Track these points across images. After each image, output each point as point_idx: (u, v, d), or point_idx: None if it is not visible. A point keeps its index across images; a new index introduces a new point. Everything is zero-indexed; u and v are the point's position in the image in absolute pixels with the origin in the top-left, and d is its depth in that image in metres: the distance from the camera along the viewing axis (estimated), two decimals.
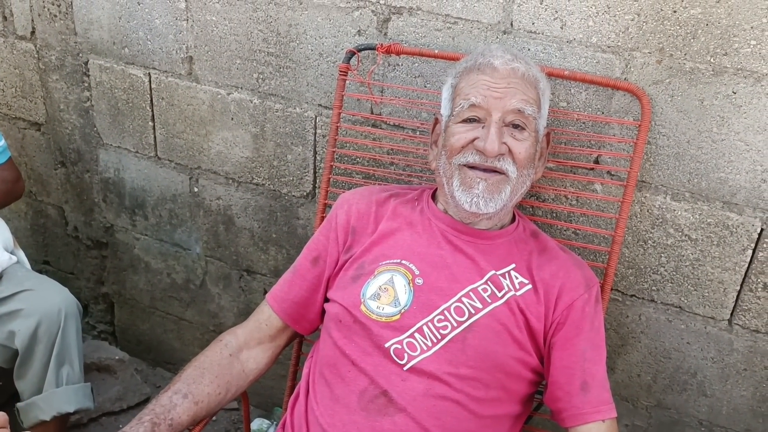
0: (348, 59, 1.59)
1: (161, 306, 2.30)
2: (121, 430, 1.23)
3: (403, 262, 1.34)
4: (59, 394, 1.73)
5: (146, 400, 2.24)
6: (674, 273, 1.53)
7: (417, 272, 1.32)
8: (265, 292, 2.02)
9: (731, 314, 1.51)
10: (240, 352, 1.40)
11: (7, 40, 2.10)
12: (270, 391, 2.12)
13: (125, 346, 2.45)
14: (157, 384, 2.36)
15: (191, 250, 2.13)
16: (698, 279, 1.51)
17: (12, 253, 1.87)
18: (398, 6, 1.55)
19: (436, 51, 1.53)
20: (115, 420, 2.18)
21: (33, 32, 2.05)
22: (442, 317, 1.28)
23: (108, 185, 2.18)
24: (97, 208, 2.25)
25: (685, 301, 1.54)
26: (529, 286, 1.31)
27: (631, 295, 1.59)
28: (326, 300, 1.42)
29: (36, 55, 2.08)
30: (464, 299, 1.29)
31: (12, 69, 2.14)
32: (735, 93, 1.35)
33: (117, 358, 2.27)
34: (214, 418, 1.41)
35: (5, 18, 2.06)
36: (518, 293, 1.30)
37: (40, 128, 2.21)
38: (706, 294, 1.52)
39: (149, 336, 2.40)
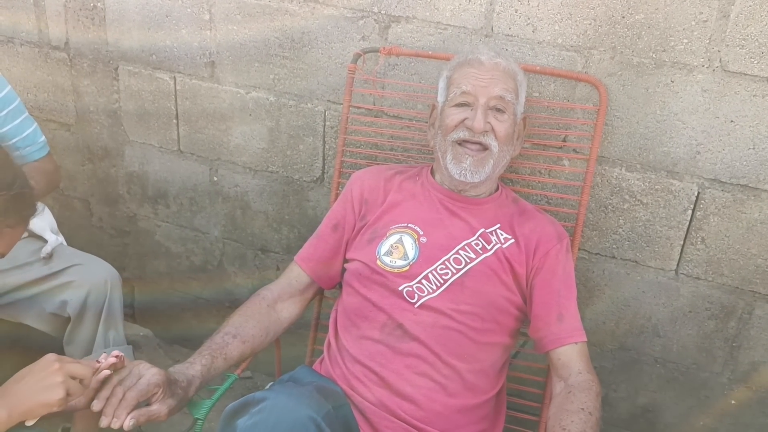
0: (355, 60, 1.88)
1: (180, 287, 2.56)
2: (186, 360, 1.49)
3: (410, 225, 1.63)
4: None
5: None
6: (630, 232, 1.84)
7: (421, 232, 1.62)
8: (278, 269, 2.31)
9: (677, 265, 1.82)
10: (275, 303, 1.68)
11: (41, 50, 2.35)
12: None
13: (144, 326, 2.69)
14: (176, 358, 2.60)
15: (210, 234, 2.40)
16: (650, 237, 1.82)
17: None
18: (397, 15, 1.85)
19: (430, 52, 1.83)
20: None
21: (67, 42, 2.30)
22: (444, 266, 1.57)
23: (132, 178, 2.44)
24: (122, 200, 2.50)
25: (640, 256, 1.85)
26: (512, 240, 1.61)
27: (596, 254, 1.90)
28: (346, 261, 1.70)
29: (69, 63, 2.33)
30: (461, 251, 1.59)
31: (45, 76, 2.39)
32: (673, 82, 1.67)
33: (141, 334, 2.53)
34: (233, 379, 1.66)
35: (41, 30, 2.32)
36: (504, 246, 1.60)
37: (70, 129, 2.45)
38: (657, 249, 1.83)
39: (167, 316, 2.64)
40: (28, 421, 1.20)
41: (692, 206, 1.76)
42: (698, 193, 1.74)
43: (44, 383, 1.18)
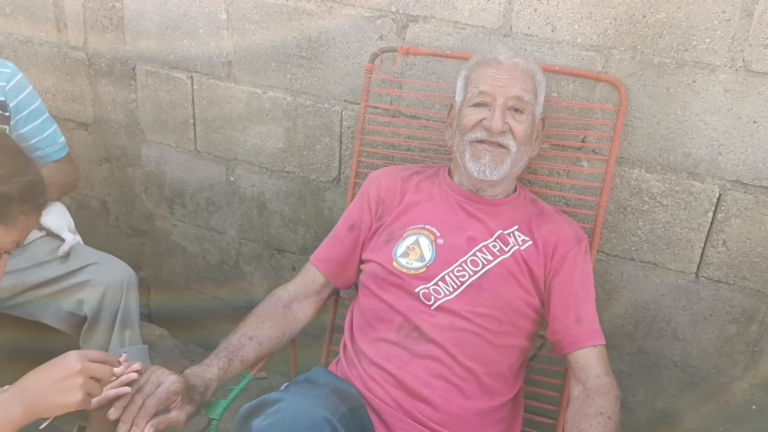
0: (373, 60, 1.87)
1: (196, 287, 2.56)
2: (203, 362, 1.49)
3: (426, 226, 1.62)
4: None
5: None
6: (650, 234, 1.82)
7: (438, 234, 1.60)
8: (294, 269, 2.31)
9: (698, 268, 1.80)
10: (291, 304, 1.68)
11: (60, 50, 2.36)
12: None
13: (160, 326, 2.69)
14: (192, 358, 2.60)
15: (226, 234, 2.40)
16: (669, 239, 1.80)
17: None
18: (415, 15, 1.84)
19: (448, 52, 1.82)
20: None
21: (85, 42, 2.31)
22: (461, 268, 1.56)
23: (149, 177, 2.45)
24: (138, 199, 2.51)
25: (660, 258, 1.83)
26: (530, 242, 1.59)
27: (614, 256, 1.88)
28: (362, 262, 1.69)
29: (87, 63, 2.35)
30: (478, 253, 1.57)
31: (64, 76, 2.40)
32: (694, 82, 1.65)
33: (157, 333, 2.53)
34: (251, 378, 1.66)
35: (59, 30, 2.33)
36: (522, 248, 1.58)
37: (87, 128, 2.47)
38: (677, 251, 1.80)
39: (183, 315, 2.64)
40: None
41: (713, 208, 1.73)
42: (720, 194, 1.71)
43: (63, 384, 1.16)
